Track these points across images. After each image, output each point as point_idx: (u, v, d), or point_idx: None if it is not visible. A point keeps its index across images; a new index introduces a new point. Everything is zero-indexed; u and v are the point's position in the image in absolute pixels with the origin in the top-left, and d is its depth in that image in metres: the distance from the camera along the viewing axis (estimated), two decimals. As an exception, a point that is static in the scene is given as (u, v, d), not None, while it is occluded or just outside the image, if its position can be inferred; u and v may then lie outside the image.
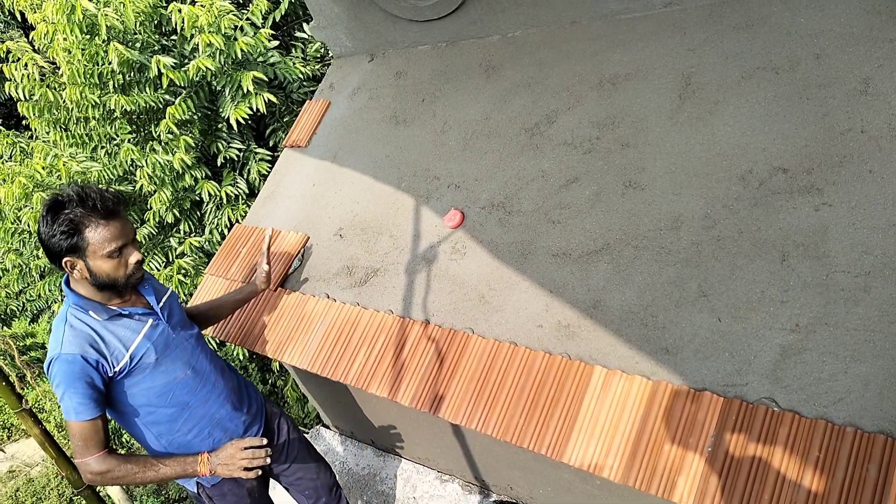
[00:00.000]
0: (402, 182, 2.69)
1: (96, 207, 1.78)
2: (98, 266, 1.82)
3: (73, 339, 1.84)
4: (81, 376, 1.82)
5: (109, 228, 1.80)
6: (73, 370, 1.81)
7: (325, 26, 3.30)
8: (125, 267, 1.86)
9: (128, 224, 1.87)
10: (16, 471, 6.72)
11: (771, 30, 2.23)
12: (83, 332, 1.85)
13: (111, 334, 1.90)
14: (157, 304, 2.03)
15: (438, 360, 2.16)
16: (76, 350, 1.82)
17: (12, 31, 9.01)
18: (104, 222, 1.80)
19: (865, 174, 1.85)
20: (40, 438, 2.64)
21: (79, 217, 1.76)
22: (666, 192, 2.12)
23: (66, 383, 1.81)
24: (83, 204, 1.77)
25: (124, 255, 1.85)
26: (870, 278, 1.71)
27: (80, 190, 1.79)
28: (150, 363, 1.96)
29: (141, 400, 1.99)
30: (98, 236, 1.79)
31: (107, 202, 1.80)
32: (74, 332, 1.85)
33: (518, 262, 2.23)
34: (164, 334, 2.02)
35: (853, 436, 1.57)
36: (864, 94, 1.97)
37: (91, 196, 1.78)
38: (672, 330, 1.89)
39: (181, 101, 3.92)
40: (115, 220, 1.82)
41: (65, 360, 1.81)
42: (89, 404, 1.83)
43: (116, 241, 1.82)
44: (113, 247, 1.81)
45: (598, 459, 1.81)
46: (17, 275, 5.09)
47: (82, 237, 1.78)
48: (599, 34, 2.60)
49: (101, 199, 1.80)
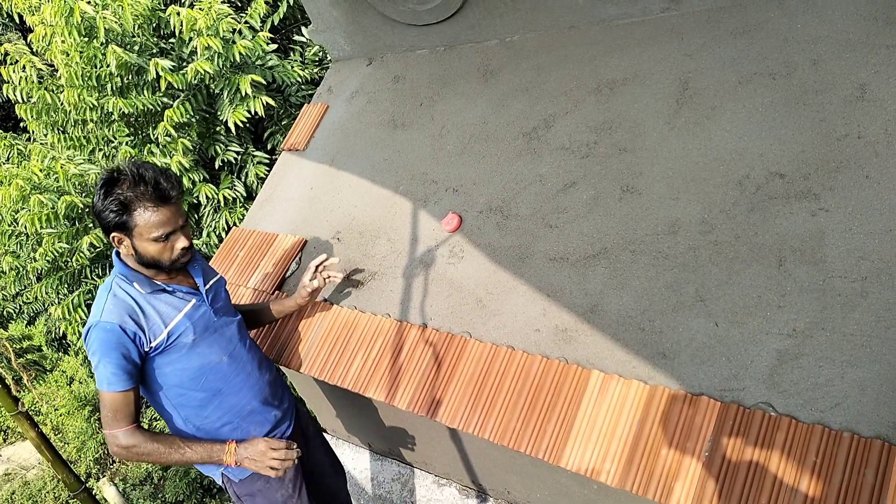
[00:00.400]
0: (400, 186, 2.69)
1: (149, 191, 1.76)
2: (143, 247, 1.82)
3: (113, 307, 1.83)
4: (118, 346, 1.81)
5: (159, 214, 1.79)
6: (111, 339, 1.80)
7: (323, 30, 3.30)
8: (170, 251, 1.86)
9: (179, 211, 1.85)
10: (12, 474, 6.70)
11: (768, 35, 2.24)
12: (125, 303, 1.85)
13: (152, 308, 1.89)
14: (204, 286, 2.02)
15: (436, 363, 2.16)
16: (115, 319, 1.81)
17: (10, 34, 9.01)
18: (154, 207, 1.78)
19: (862, 179, 1.85)
20: (36, 441, 2.64)
21: (129, 199, 1.75)
22: (663, 197, 2.12)
23: (102, 352, 1.80)
24: (136, 185, 1.76)
25: (171, 240, 1.84)
26: (866, 283, 1.72)
27: (137, 170, 1.77)
28: (187, 343, 1.94)
29: (173, 380, 1.97)
30: (146, 220, 1.78)
31: (161, 188, 1.78)
32: (116, 301, 1.85)
33: (515, 267, 2.23)
34: (206, 316, 2.01)
35: (850, 441, 1.57)
36: (861, 100, 1.97)
37: (146, 178, 1.76)
38: (669, 334, 1.89)
39: (179, 104, 3.92)
40: (166, 207, 1.80)
41: (103, 328, 1.81)
42: (122, 375, 1.82)
43: (164, 227, 1.81)
44: (160, 233, 1.80)
45: (595, 464, 1.81)
46: (14, 277, 5.08)
47: (131, 218, 1.77)
48: (597, 39, 2.60)
49: (156, 184, 1.77)
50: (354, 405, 3.05)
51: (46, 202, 4.22)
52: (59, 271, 4.76)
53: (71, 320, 4.75)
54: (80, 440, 6.70)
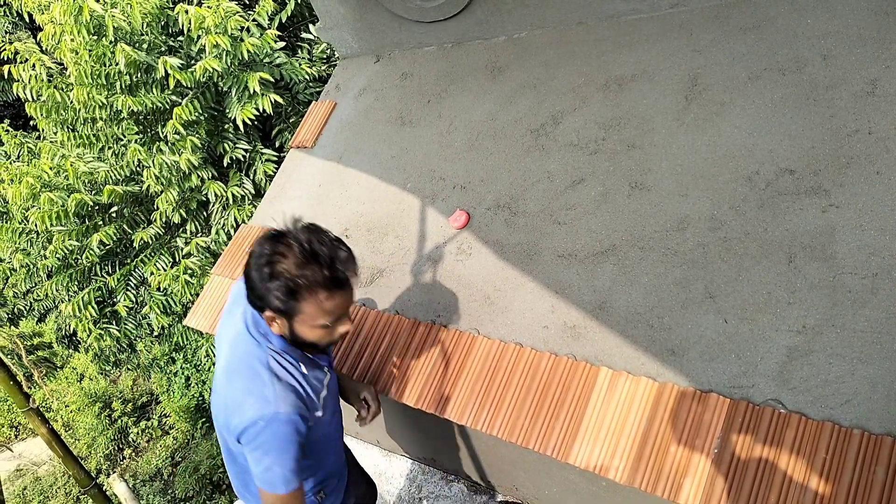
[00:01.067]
0: (408, 183, 2.69)
1: (323, 275, 1.47)
2: (303, 332, 1.57)
3: (284, 394, 1.56)
4: (295, 441, 1.56)
5: (330, 303, 1.51)
6: (289, 434, 1.54)
7: (331, 27, 3.30)
8: (331, 336, 1.62)
9: (352, 294, 1.58)
10: (23, 469, 6.76)
11: (778, 31, 2.23)
12: (292, 386, 1.59)
13: (310, 387, 1.66)
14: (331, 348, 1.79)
15: (444, 360, 2.17)
16: (291, 408, 1.55)
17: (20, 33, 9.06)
18: (327, 295, 1.50)
19: (873, 176, 1.84)
20: (47, 437, 2.66)
21: (299, 285, 1.46)
22: (672, 194, 2.11)
23: (280, 449, 1.54)
24: (307, 264, 1.46)
25: (335, 326, 1.59)
26: (877, 280, 1.71)
27: (308, 245, 1.47)
28: (328, 417, 1.74)
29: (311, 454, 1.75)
30: (314, 310, 1.51)
31: (337, 271, 1.49)
32: (284, 385, 1.58)
33: (524, 263, 2.23)
34: (334, 382, 1.81)
35: (860, 438, 1.57)
36: (872, 96, 1.96)
37: (321, 258, 1.47)
38: (678, 331, 1.89)
39: (188, 101, 3.94)
40: (341, 292, 1.53)
41: (283, 423, 1.53)
42: (298, 471, 1.58)
43: (333, 315, 1.55)
44: (328, 321, 1.55)
45: (603, 460, 1.80)
46: (25, 274, 5.12)
47: (297, 306, 1.50)
48: (605, 35, 2.59)
49: (331, 265, 1.48)
50: (363, 402, 3.05)
51: (56, 200, 4.25)
52: (69, 269, 4.79)
53: (81, 317, 4.78)
54: (91, 436, 6.75)
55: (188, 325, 2.78)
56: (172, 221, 4.60)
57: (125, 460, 6.63)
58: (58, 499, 6.32)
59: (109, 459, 6.66)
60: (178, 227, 4.80)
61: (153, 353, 8.33)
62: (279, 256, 1.46)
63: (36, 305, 5.96)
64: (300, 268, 1.45)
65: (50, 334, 7.00)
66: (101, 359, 5.81)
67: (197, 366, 8.50)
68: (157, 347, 8.02)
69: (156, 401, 8.51)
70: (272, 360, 1.60)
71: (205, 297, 2.82)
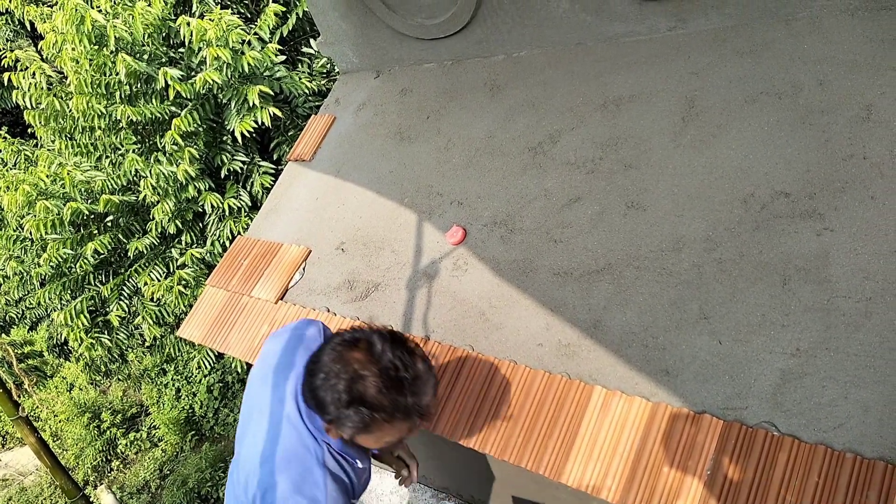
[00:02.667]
0: (405, 198, 2.70)
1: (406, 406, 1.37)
2: (363, 442, 1.49)
3: (336, 493, 1.51)
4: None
5: (393, 430, 1.42)
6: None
7: (332, 42, 3.32)
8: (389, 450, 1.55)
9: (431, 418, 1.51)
10: (9, 479, 6.69)
11: (774, 55, 2.25)
12: (343, 483, 1.55)
13: (358, 478, 1.63)
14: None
15: (438, 376, 2.16)
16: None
17: (21, 41, 9.08)
18: (392, 423, 1.39)
19: (868, 200, 1.85)
20: (36, 447, 2.63)
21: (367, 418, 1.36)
22: (668, 214, 2.12)
23: None
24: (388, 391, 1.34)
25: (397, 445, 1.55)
26: (871, 304, 1.72)
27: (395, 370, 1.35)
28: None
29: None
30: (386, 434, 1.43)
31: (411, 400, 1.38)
32: (337, 486, 1.53)
33: (519, 280, 2.24)
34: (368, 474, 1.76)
35: (853, 462, 1.57)
36: (867, 121, 1.98)
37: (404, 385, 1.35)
38: (672, 351, 1.89)
39: (187, 112, 3.95)
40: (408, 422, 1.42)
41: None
42: None
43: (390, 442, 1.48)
44: (391, 444, 1.49)
45: (596, 480, 1.80)
46: (18, 282, 5.10)
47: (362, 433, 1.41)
48: (604, 56, 2.62)
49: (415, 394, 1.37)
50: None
51: (52, 208, 4.24)
52: (62, 277, 4.77)
53: (73, 326, 4.75)
54: (79, 447, 6.69)
55: (181, 336, 2.76)
56: (168, 232, 4.59)
57: (113, 472, 6.57)
58: (43, 510, 6.25)
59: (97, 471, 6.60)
60: (173, 238, 4.79)
61: (144, 363, 8.27)
62: (360, 380, 1.34)
63: (28, 313, 5.92)
64: (381, 396, 1.33)
65: (41, 343, 6.96)
66: (92, 368, 5.77)
67: (188, 377, 8.44)
68: (148, 358, 7.97)
69: (145, 412, 8.44)
70: (328, 458, 1.53)
71: (198, 309, 2.81)
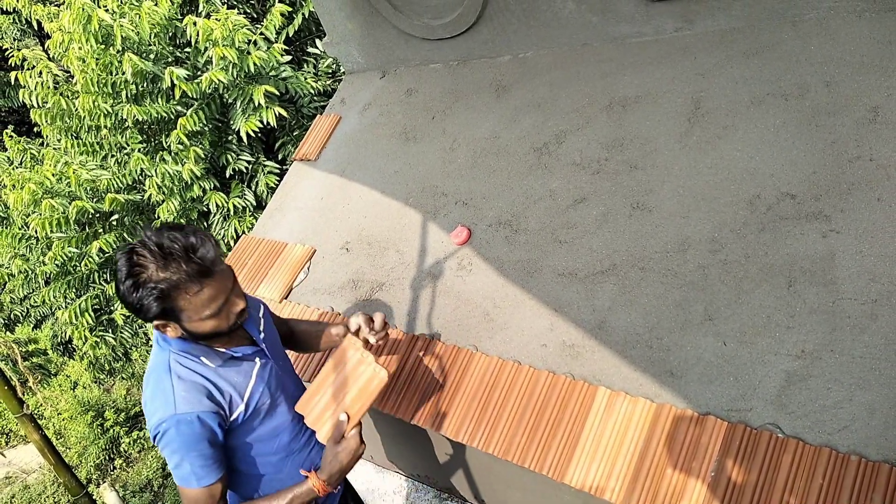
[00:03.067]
0: (410, 198, 2.70)
1: (184, 269, 1.42)
2: (197, 327, 1.51)
3: (186, 394, 1.54)
4: (202, 437, 1.54)
5: (205, 291, 1.46)
6: (194, 432, 1.53)
7: (338, 42, 3.33)
8: (227, 319, 1.55)
9: (226, 273, 1.52)
10: (12, 477, 6.70)
11: (781, 56, 2.25)
12: (196, 384, 1.56)
13: (225, 381, 1.61)
14: (259, 335, 1.74)
15: (441, 376, 2.16)
16: (194, 408, 1.53)
17: (28, 40, 9.12)
18: (198, 286, 1.44)
19: (874, 202, 1.85)
20: (40, 444, 2.64)
21: (165, 288, 1.41)
22: (673, 215, 2.12)
23: (186, 448, 1.53)
24: (166, 265, 1.41)
25: (225, 309, 1.53)
26: (876, 306, 1.71)
27: (160, 247, 1.42)
28: (265, 408, 1.70)
29: (249, 451, 1.73)
30: (193, 303, 1.46)
31: (196, 261, 1.43)
32: (186, 384, 1.55)
33: (524, 281, 2.23)
34: (274, 371, 1.74)
35: (857, 464, 1.56)
36: (874, 123, 1.97)
37: (175, 253, 1.41)
38: (677, 353, 1.88)
39: (193, 112, 3.95)
40: (210, 279, 1.46)
41: (183, 422, 1.52)
42: (212, 466, 1.56)
43: (216, 301, 1.49)
44: (213, 309, 1.49)
45: (599, 481, 1.79)
46: (23, 280, 5.11)
47: (173, 305, 1.45)
48: (610, 57, 2.62)
49: (188, 258, 1.42)
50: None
51: (58, 206, 4.25)
52: (67, 276, 4.78)
53: (77, 325, 4.76)
54: (82, 445, 6.70)
55: (185, 334, 2.76)
56: (173, 231, 4.60)
57: (116, 470, 6.58)
58: (46, 508, 6.26)
59: (100, 469, 6.60)
60: (178, 237, 4.80)
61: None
62: (138, 267, 1.42)
63: (32, 312, 5.94)
64: (160, 271, 1.41)
65: (45, 341, 6.98)
66: (96, 367, 5.78)
67: (192, 377, 8.40)
68: (152, 357, 7.94)
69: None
70: (173, 362, 1.58)
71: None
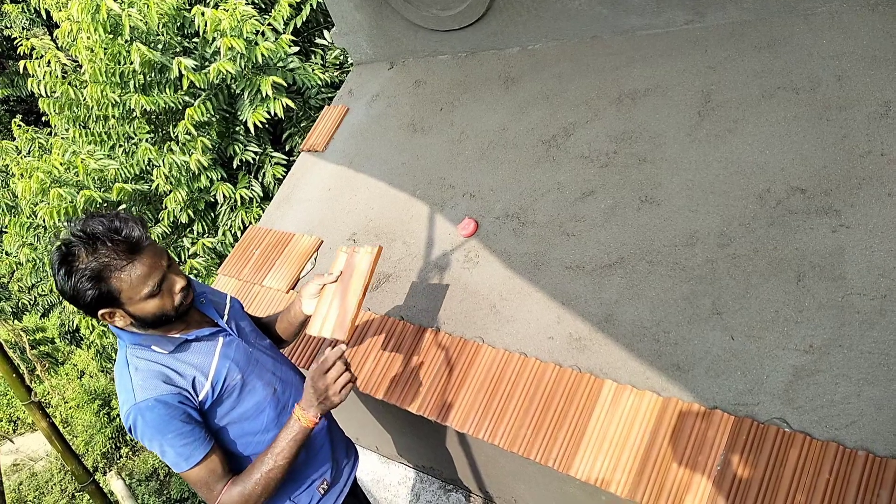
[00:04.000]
0: (418, 189, 2.69)
1: (111, 248, 1.45)
2: (140, 309, 1.52)
3: (143, 382, 1.55)
4: (170, 417, 1.54)
5: (137, 267, 1.47)
6: (159, 415, 1.53)
7: (346, 33, 3.32)
8: (171, 298, 1.56)
9: (157, 251, 1.54)
10: (20, 464, 6.75)
11: (792, 50, 2.23)
12: (152, 371, 1.57)
13: (184, 364, 1.62)
14: (222, 319, 1.74)
15: (448, 368, 2.16)
16: (152, 393, 1.54)
17: (37, 29, 9.13)
18: (128, 262, 1.46)
19: (884, 197, 1.84)
20: (47, 432, 2.65)
21: (96, 267, 1.44)
22: (682, 209, 2.11)
23: (159, 433, 1.53)
24: (94, 249, 1.44)
25: (165, 287, 1.54)
26: (886, 301, 1.70)
27: (84, 233, 1.45)
28: (237, 384, 1.68)
29: (237, 432, 1.71)
30: (128, 280, 1.47)
31: (121, 239, 1.46)
32: (142, 374, 1.57)
33: (531, 273, 2.23)
34: (241, 348, 1.74)
35: (865, 459, 1.56)
36: (885, 117, 1.96)
37: (99, 234, 1.45)
38: (684, 346, 1.88)
39: (200, 102, 3.96)
40: (141, 255, 1.48)
41: (145, 409, 1.53)
42: (194, 443, 1.56)
43: (152, 277, 1.49)
44: (150, 286, 1.50)
45: (605, 474, 1.79)
46: (31, 269, 5.13)
47: (110, 287, 1.46)
48: (620, 49, 2.60)
49: (112, 238, 1.45)
50: (363, 408, 3.05)
51: (66, 196, 4.26)
52: (74, 265, 4.79)
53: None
54: (89, 433, 6.74)
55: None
56: (180, 221, 4.61)
57: (122, 459, 6.62)
58: (53, 495, 6.31)
59: (106, 457, 6.65)
60: (185, 227, 4.81)
61: (154, 352, 8.27)
62: (69, 257, 1.45)
63: (40, 300, 5.97)
64: (89, 255, 1.44)
65: (53, 330, 7.01)
66: (103, 356, 5.81)
67: (197, 367, 8.44)
68: (158, 347, 7.97)
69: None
70: (130, 356, 1.60)
71: (210, 297, 2.81)
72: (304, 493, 1.84)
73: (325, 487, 1.88)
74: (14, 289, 5.85)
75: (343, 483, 1.98)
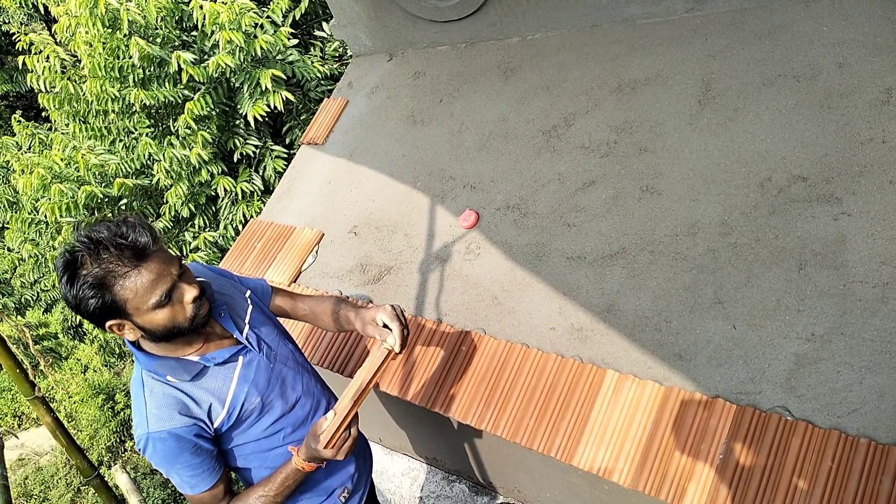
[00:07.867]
0: (418, 181, 2.69)
1: (115, 254, 1.36)
2: (150, 320, 1.42)
3: (157, 411, 1.50)
4: (181, 450, 1.50)
5: (143, 275, 1.37)
6: (170, 448, 1.49)
7: (345, 25, 3.31)
8: (183, 310, 1.45)
9: (166, 258, 1.43)
10: (25, 459, 6.78)
11: (793, 37, 2.22)
12: (168, 397, 1.51)
13: (200, 390, 1.55)
14: (242, 333, 1.64)
15: (450, 359, 2.16)
16: (164, 425, 1.48)
17: (35, 24, 9.11)
18: (134, 269, 1.36)
19: (886, 185, 1.83)
20: (52, 427, 2.66)
21: (100, 274, 1.35)
22: (683, 198, 2.11)
23: (168, 462, 1.51)
24: (98, 255, 1.35)
25: (175, 297, 1.43)
26: (887, 289, 1.70)
27: (89, 238, 1.37)
28: (255, 407, 1.63)
29: (255, 449, 1.69)
30: (134, 289, 1.37)
31: (127, 245, 1.37)
32: (157, 400, 1.51)
33: (532, 264, 2.23)
34: (262, 366, 1.65)
35: (867, 447, 1.56)
36: (887, 104, 1.95)
37: (104, 241, 1.36)
38: (686, 336, 1.88)
39: (200, 96, 3.95)
40: (147, 262, 1.38)
41: (157, 440, 1.49)
42: (202, 474, 1.54)
43: (159, 286, 1.39)
44: (158, 295, 1.39)
45: (608, 463, 1.80)
46: (33, 265, 5.14)
47: (114, 296, 1.37)
48: (620, 38, 2.59)
49: (118, 243, 1.36)
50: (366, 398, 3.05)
51: (67, 191, 4.26)
52: (77, 260, 4.80)
53: (87, 309, 4.78)
54: (93, 428, 6.76)
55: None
56: (181, 215, 4.61)
57: (127, 452, 6.64)
58: (59, 489, 6.34)
59: (111, 452, 6.68)
60: (186, 222, 4.81)
61: (158, 346, 8.29)
62: (73, 264, 1.37)
63: (43, 296, 5.98)
64: (93, 262, 1.35)
65: (56, 325, 7.03)
66: (106, 351, 5.83)
67: (201, 361, 8.46)
68: (161, 341, 7.99)
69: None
70: (146, 376, 1.54)
71: (212, 291, 2.81)
72: (326, 502, 1.83)
73: (346, 496, 1.88)
74: (17, 284, 5.87)
75: (363, 487, 1.98)
